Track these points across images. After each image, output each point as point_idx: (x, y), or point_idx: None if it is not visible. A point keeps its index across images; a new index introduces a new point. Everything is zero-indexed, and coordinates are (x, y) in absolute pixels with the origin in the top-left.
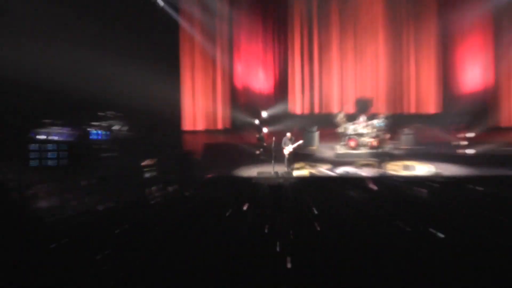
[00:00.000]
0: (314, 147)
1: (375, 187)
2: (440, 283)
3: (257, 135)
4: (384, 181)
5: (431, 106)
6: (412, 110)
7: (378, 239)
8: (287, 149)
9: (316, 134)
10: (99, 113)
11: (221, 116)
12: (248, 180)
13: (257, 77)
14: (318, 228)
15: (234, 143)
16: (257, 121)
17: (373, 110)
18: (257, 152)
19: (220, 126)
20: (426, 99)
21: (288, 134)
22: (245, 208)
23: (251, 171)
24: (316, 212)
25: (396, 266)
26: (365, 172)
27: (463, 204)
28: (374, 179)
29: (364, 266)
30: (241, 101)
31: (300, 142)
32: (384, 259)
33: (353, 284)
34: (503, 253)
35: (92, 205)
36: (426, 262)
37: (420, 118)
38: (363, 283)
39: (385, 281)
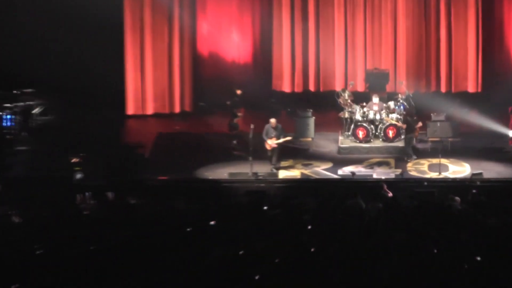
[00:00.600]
0: (308, 139)
1: (390, 194)
2: None
3: (230, 122)
4: (404, 185)
5: (468, 82)
6: (443, 88)
7: (393, 270)
8: (271, 142)
9: (311, 121)
10: (13, 92)
11: (179, 96)
12: (217, 184)
13: (229, 42)
14: (312, 250)
15: (197, 132)
16: (229, 102)
17: (389, 87)
18: (230, 145)
19: (177, 109)
20: (462, 73)
21: (272, 121)
22: (212, 224)
23: (221, 172)
24: (310, 228)
25: None
26: (378, 173)
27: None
28: (390, 183)
29: None
30: (207, 74)
31: (289, 137)
32: None
33: None
34: None
35: (3, 217)
36: None
37: (454, 99)
38: None
39: None
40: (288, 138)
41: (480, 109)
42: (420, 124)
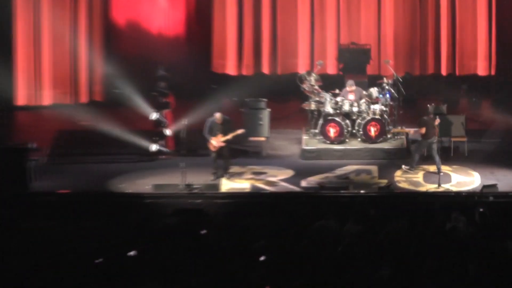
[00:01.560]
0: (261, 138)
1: (373, 213)
2: None
3: (153, 115)
4: (392, 202)
5: (478, 63)
6: (444, 69)
7: None
8: (216, 141)
9: (265, 114)
10: None
11: (86, 81)
12: (137, 199)
13: (154, 8)
14: None
15: (111, 129)
16: (155, 93)
17: (371, 69)
18: (153, 146)
19: (84, 98)
20: (470, 50)
21: (217, 115)
22: (130, 254)
23: (143, 183)
24: (263, 260)
25: None
26: (355, 185)
27: None
28: (372, 199)
29: None
30: (123, 52)
31: (240, 130)
32: None
33: None
34: None
35: None
36: None
37: (458, 85)
38: None
39: None
40: (240, 131)
41: (493, 98)
42: (438, 120)
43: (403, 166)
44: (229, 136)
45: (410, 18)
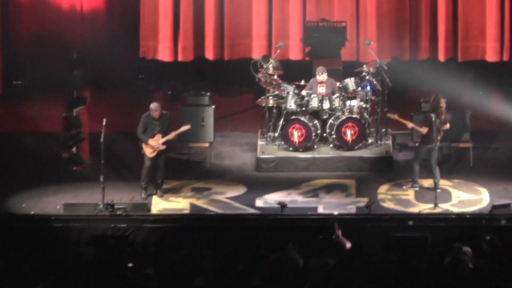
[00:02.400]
0: (203, 144)
1: (348, 244)
2: None
3: (66, 114)
4: (374, 227)
5: (487, 45)
6: (442, 54)
7: None
8: (154, 144)
9: (209, 112)
10: None
11: None
12: (44, 223)
13: None
14: None
15: (10, 132)
16: (66, 81)
17: (347, 53)
18: (64, 153)
19: None
20: (476, 29)
21: (154, 107)
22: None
23: (51, 202)
24: None
25: None
26: (326, 205)
27: None
28: (348, 223)
29: None
30: (26, 32)
31: (186, 127)
32: None
33: None
34: None
35: None
36: None
37: (461, 74)
38: None
39: None
40: (185, 127)
41: (505, 90)
42: (447, 126)
43: (403, 187)
44: (171, 135)
45: None
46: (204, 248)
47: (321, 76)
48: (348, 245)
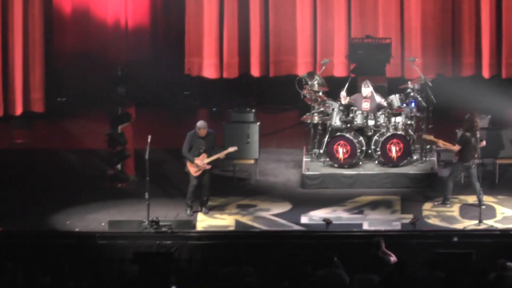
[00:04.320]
0: (248, 161)
1: (394, 258)
2: None
3: (110, 131)
4: (419, 243)
5: None
6: (486, 71)
7: None
8: (200, 163)
9: (255, 129)
10: None
11: (21, 87)
12: (87, 240)
13: None
14: None
15: (53, 148)
16: (110, 98)
17: (392, 70)
18: (108, 170)
19: (18, 109)
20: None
21: (201, 125)
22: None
23: (95, 219)
24: None
25: None
26: (372, 222)
27: None
28: (393, 239)
29: None
30: (70, 49)
31: (233, 148)
32: None
33: None
34: None
35: None
36: None
37: (507, 91)
38: None
39: None
40: (232, 149)
41: None
42: (483, 143)
43: (434, 203)
44: (217, 156)
45: (441, 2)
46: (249, 265)
47: (366, 92)
48: (393, 258)
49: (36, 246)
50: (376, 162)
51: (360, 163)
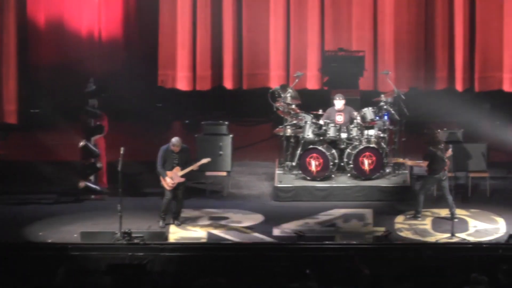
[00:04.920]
0: (221, 173)
1: (366, 271)
2: None
3: (81, 142)
4: (391, 256)
5: (504, 75)
6: (459, 84)
7: None
8: (173, 177)
9: (227, 141)
10: None
11: None
12: (60, 252)
13: (82, 3)
14: None
15: (26, 160)
16: (83, 110)
17: (365, 83)
18: (81, 182)
19: None
20: (494, 59)
21: (175, 141)
22: None
23: (68, 231)
24: None
25: None
26: (344, 235)
27: None
28: (365, 253)
29: None
30: (44, 59)
31: (206, 160)
32: None
33: None
34: None
35: None
36: None
37: (479, 104)
38: None
39: None
40: (205, 160)
41: None
42: (449, 152)
43: (406, 216)
44: (190, 168)
45: (415, 16)
46: (222, 277)
47: (339, 105)
48: (366, 271)
49: (9, 258)
50: (349, 175)
51: (333, 176)
